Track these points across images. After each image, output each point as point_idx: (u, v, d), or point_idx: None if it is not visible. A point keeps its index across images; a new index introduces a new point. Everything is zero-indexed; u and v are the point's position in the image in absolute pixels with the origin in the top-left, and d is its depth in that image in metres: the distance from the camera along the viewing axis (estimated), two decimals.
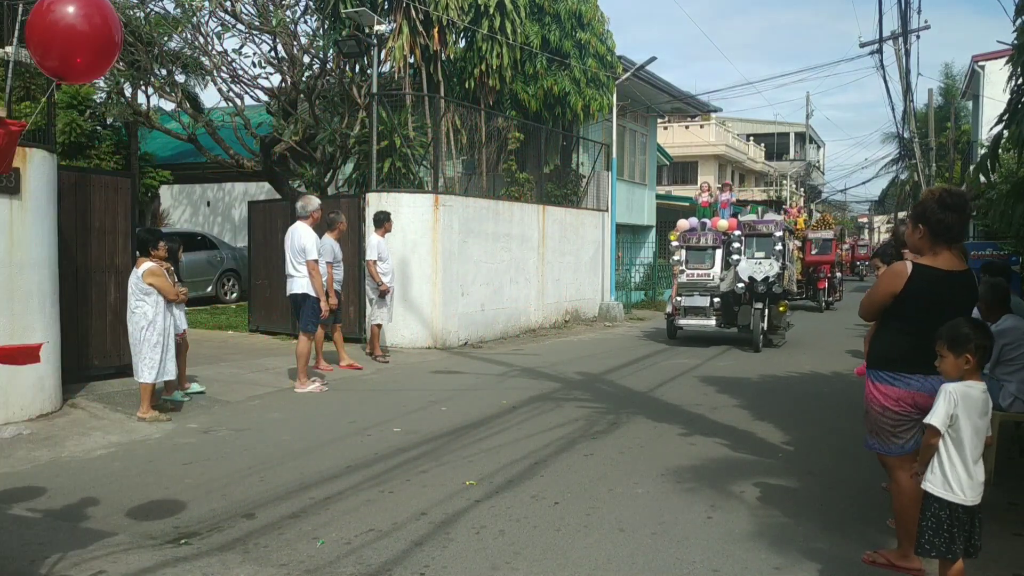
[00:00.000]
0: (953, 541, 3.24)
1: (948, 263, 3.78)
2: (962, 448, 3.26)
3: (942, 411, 3.26)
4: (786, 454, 6.29)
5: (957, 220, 3.76)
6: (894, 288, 3.79)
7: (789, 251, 13.49)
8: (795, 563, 4.06)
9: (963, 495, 3.23)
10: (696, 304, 12.93)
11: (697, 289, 12.97)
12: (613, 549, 4.24)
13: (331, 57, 15.25)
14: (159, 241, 7.34)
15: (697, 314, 12.99)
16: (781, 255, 12.69)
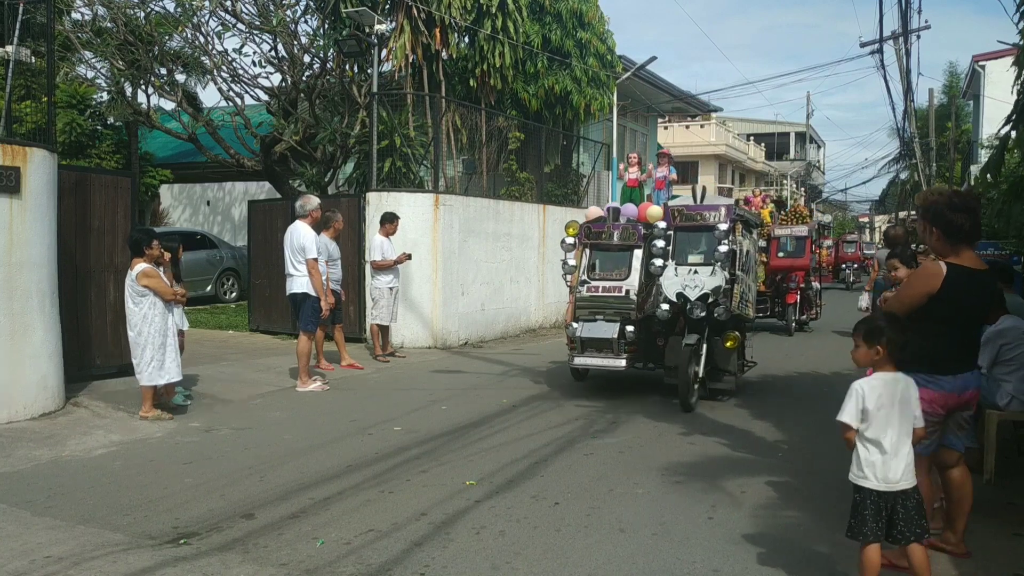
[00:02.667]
0: (864, 524, 3.39)
1: (973, 262, 3.82)
2: (876, 437, 3.39)
3: (851, 407, 3.43)
4: (786, 453, 6.29)
5: (967, 220, 3.79)
6: (931, 288, 3.77)
7: (746, 253, 8.56)
8: (795, 563, 4.06)
9: (875, 481, 3.39)
10: (597, 335, 8.02)
11: (602, 310, 8.12)
12: (613, 549, 4.24)
13: (331, 57, 15.25)
14: (152, 240, 7.20)
15: (600, 349, 8.07)
16: (729, 259, 7.88)
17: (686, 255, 8.15)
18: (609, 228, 8.51)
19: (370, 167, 12.51)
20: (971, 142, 26.38)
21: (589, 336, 8.09)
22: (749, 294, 8.46)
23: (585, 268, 8.46)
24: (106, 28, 14.32)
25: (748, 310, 8.41)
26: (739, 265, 8.09)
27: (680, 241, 8.21)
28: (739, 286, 8.00)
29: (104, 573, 3.87)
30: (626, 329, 7.96)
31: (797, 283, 14.74)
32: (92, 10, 14.35)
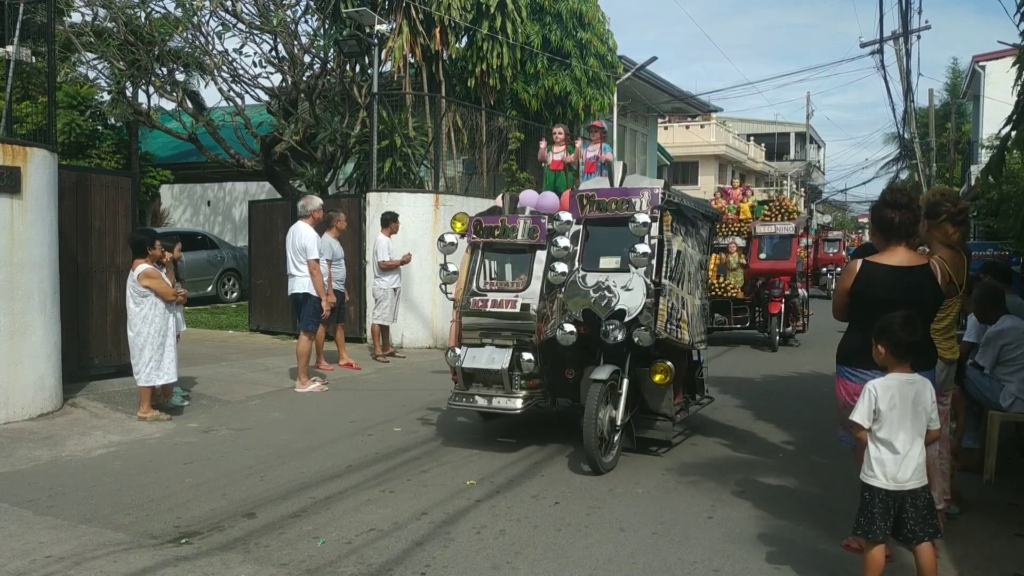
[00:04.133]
0: (872, 522, 3.40)
1: (901, 259, 3.83)
2: (888, 438, 3.40)
3: (864, 407, 3.44)
4: (787, 454, 6.29)
5: (899, 216, 3.81)
6: (845, 285, 3.92)
7: (678, 255, 6.19)
8: (796, 563, 4.06)
9: (884, 480, 3.40)
10: (483, 365, 6.11)
11: (492, 332, 6.21)
12: (613, 549, 4.24)
13: (332, 57, 15.26)
14: (154, 241, 7.27)
15: (489, 384, 6.21)
16: (649, 262, 5.77)
17: (598, 257, 6.06)
18: (504, 222, 6.37)
19: (370, 167, 12.51)
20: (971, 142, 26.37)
21: (473, 367, 6.08)
22: (684, 311, 6.14)
23: (472, 274, 6.38)
24: (106, 28, 14.32)
25: (682, 333, 6.04)
26: (667, 271, 5.86)
27: (591, 238, 6.16)
28: (667, 300, 5.77)
29: (106, 573, 3.87)
30: (523, 357, 5.91)
31: (781, 290, 12.52)
32: (93, 10, 14.36)
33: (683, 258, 6.20)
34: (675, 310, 5.96)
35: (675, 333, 5.94)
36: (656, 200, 5.88)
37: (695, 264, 6.58)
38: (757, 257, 13.06)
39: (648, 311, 5.67)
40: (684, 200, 6.32)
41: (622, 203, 5.98)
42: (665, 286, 5.82)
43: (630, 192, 6.05)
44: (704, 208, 7.15)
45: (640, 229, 5.59)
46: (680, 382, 6.37)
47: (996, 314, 5.50)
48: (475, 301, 6.24)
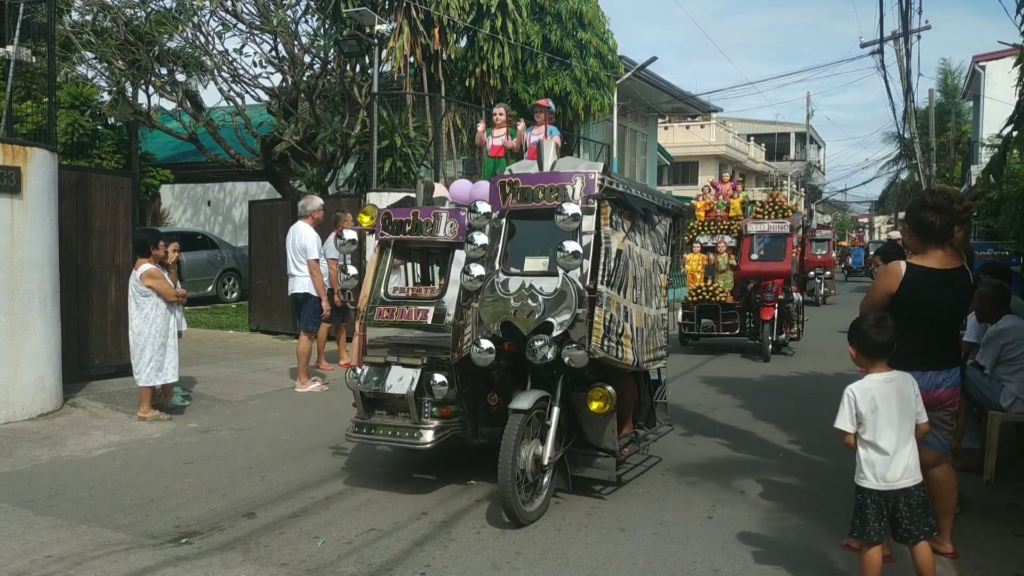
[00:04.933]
0: (866, 523, 3.41)
1: (940, 261, 3.85)
2: (876, 439, 3.40)
3: (844, 413, 3.47)
4: (787, 454, 6.29)
5: (939, 219, 3.82)
6: (890, 288, 3.87)
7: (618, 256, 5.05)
8: (796, 563, 4.06)
9: (874, 480, 3.40)
10: (385, 389, 5.20)
11: (402, 348, 5.27)
12: (613, 549, 4.24)
13: (332, 57, 15.25)
14: (158, 241, 7.33)
15: (393, 412, 5.28)
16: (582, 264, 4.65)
17: (522, 258, 5.05)
18: (416, 215, 5.44)
19: (370, 167, 12.51)
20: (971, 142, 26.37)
21: (374, 391, 5.18)
22: (627, 324, 5.06)
23: (384, 280, 5.48)
24: (106, 28, 14.33)
25: (623, 351, 4.98)
26: (604, 275, 4.81)
27: (515, 235, 5.11)
28: (603, 311, 4.72)
29: (106, 573, 3.87)
30: (434, 379, 4.98)
31: (775, 294, 11.38)
32: (92, 10, 14.36)
33: (626, 259, 5.07)
34: (615, 323, 4.87)
35: (614, 351, 4.85)
36: (591, 187, 4.79)
37: (646, 267, 5.46)
38: (748, 258, 12.01)
39: (581, 324, 4.61)
40: (630, 188, 5.17)
41: (551, 191, 4.86)
42: (602, 294, 4.73)
43: (560, 178, 4.91)
44: (662, 200, 5.93)
45: (568, 223, 4.47)
46: (629, 409, 5.46)
47: (999, 314, 5.50)
48: (381, 311, 5.31)
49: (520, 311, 4.67)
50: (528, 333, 4.66)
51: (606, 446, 5.05)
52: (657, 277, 5.74)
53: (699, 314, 12.10)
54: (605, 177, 4.84)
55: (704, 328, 12.10)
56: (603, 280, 4.79)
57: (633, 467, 5.62)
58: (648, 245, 5.58)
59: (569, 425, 5.00)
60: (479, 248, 4.87)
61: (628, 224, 5.20)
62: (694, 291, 12.27)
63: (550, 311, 4.61)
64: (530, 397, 4.69)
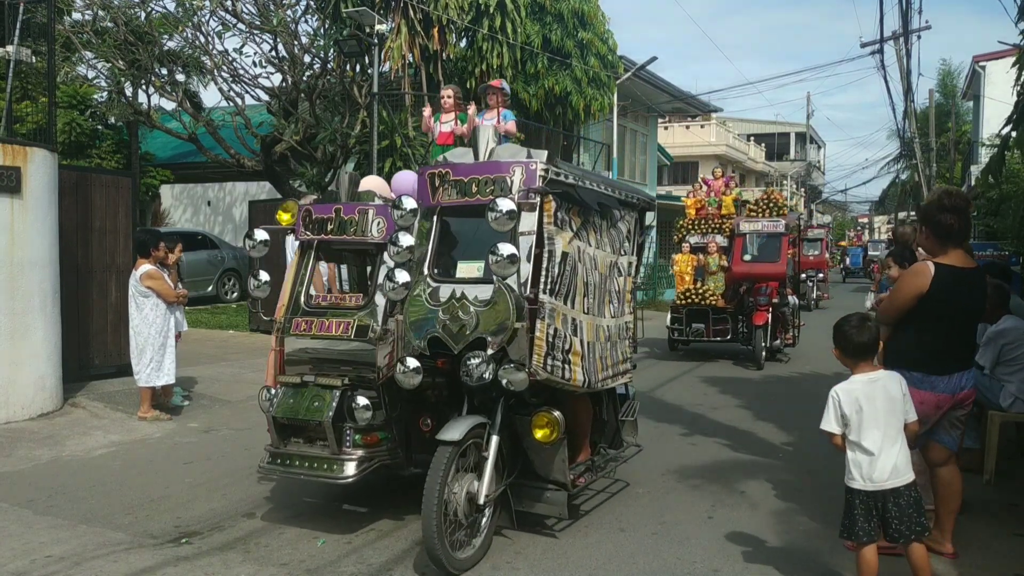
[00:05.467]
0: (855, 523, 3.41)
1: (962, 261, 3.87)
2: (860, 439, 3.40)
3: (830, 415, 3.47)
4: (787, 454, 6.29)
5: (957, 220, 3.83)
6: (920, 289, 3.82)
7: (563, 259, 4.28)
8: (796, 563, 4.06)
9: (861, 481, 3.40)
10: (299, 414, 4.53)
11: (322, 365, 4.72)
12: (613, 549, 4.24)
13: (332, 57, 15.25)
14: (158, 242, 7.34)
15: (310, 440, 4.64)
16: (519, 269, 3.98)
17: (454, 262, 4.47)
18: (339, 212, 4.86)
19: (370, 167, 12.51)
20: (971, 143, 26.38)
21: (289, 416, 4.52)
22: (577, 339, 4.37)
23: (304, 286, 5.03)
24: (106, 28, 14.33)
25: (571, 370, 4.28)
26: (548, 283, 4.12)
27: (446, 235, 4.53)
28: (545, 325, 4.06)
29: (106, 573, 3.87)
30: (356, 402, 4.33)
31: (768, 297, 10.74)
32: (92, 10, 14.36)
33: (574, 263, 4.36)
34: (560, 338, 4.18)
35: (560, 371, 4.16)
36: (532, 179, 4.11)
37: (601, 270, 4.72)
38: (740, 259, 11.36)
39: (520, 341, 3.94)
40: (583, 180, 4.47)
41: (486, 184, 4.19)
42: (544, 304, 4.05)
43: (497, 168, 4.21)
44: (625, 192, 5.13)
45: (503, 222, 3.85)
46: (585, 432, 4.79)
47: (999, 314, 5.50)
48: (298, 322, 4.79)
49: (449, 325, 4.06)
50: (458, 351, 4.04)
51: (556, 478, 4.36)
52: (616, 281, 4.97)
53: (688, 318, 11.50)
54: (549, 167, 4.16)
55: (694, 333, 11.48)
56: (546, 288, 4.09)
57: (596, 493, 5.11)
58: (605, 245, 4.82)
59: (514, 454, 4.36)
60: (404, 251, 4.23)
61: (578, 222, 4.45)
62: (683, 294, 11.67)
63: (484, 325, 3.98)
64: (462, 425, 4.01)
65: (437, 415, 4.46)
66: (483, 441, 4.10)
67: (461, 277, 4.31)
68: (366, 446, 4.48)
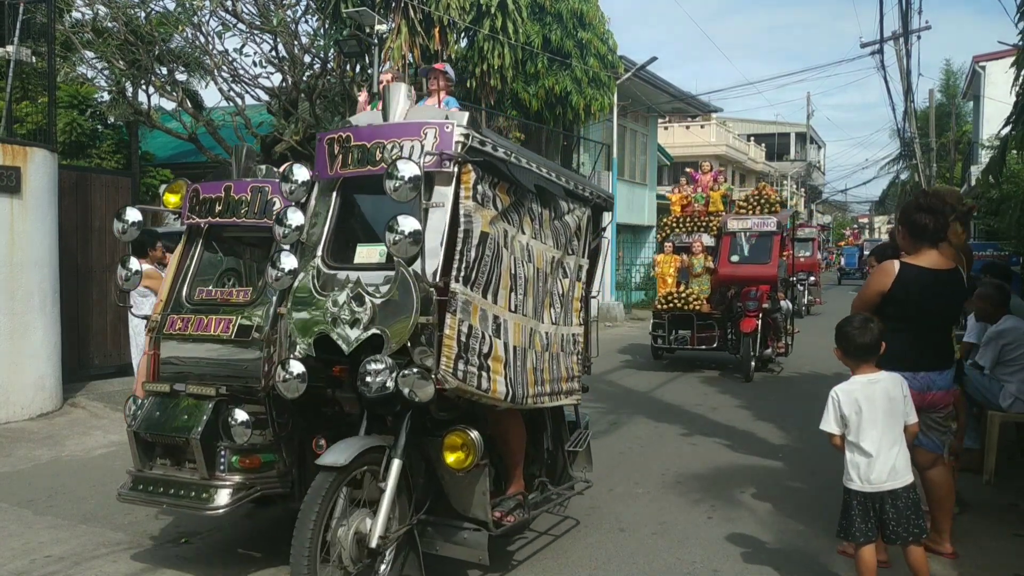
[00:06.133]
0: (852, 524, 3.41)
1: (933, 262, 3.85)
2: (859, 440, 3.40)
3: (829, 415, 3.46)
4: (787, 454, 6.28)
5: (931, 220, 3.83)
6: (882, 286, 3.87)
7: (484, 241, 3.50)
8: (795, 563, 4.06)
9: (859, 482, 3.39)
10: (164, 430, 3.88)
11: (197, 372, 3.98)
12: (613, 549, 4.24)
13: (332, 57, 15.26)
14: (156, 242, 7.32)
15: (178, 461, 3.89)
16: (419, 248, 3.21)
17: (354, 244, 3.71)
18: (229, 192, 4.24)
19: None
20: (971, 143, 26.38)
21: (151, 432, 3.88)
22: (500, 341, 3.60)
23: (186, 278, 4.39)
24: (107, 28, 14.33)
25: (491, 379, 3.50)
26: (462, 268, 3.36)
27: (346, 212, 3.78)
28: (456, 320, 3.32)
29: (106, 573, 3.88)
30: (233, 417, 3.65)
31: (758, 302, 9.83)
32: (93, 10, 14.37)
33: (498, 248, 3.56)
34: (476, 338, 3.40)
35: (474, 379, 3.37)
36: (448, 143, 3.37)
37: (539, 265, 3.95)
38: (727, 260, 10.44)
39: (426, 340, 3.26)
40: (516, 156, 3.73)
41: (392, 149, 3.44)
42: (456, 295, 3.29)
43: (405, 131, 3.49)
44: (576, 182, 4.45)
45: (404, 191, 3.15)
46: (518, 459, 3.99)
47: (999, 314, 5.50)
48: (174, 320, 4.06)
49: (340, 320, 3.33)
50: (350, 350, 3.30)
51: (475, 514, 3.61)
52: (560, 283, 4.22)
53: (671, 325, 10.64)
54: (471, 133, 3.42)
55: (677, 341, 10.66)
56: (459, 276, 3.32)
57: (538, 535, 4.37)
58: (546, 237, 4.04)
59: (427, 484, 3.63)
60: (293, 231, 3.60)
61: (506, 201, 3.68)
62: (664, 298, 10.74)
63: (382, 321, 3.26)
64: (351, 448, 3.29)
65: (336, 434, 3.57)
66: (381, 470, 3.34)
67: (360, 263, 3.58)
68: (245, 470, 3.76)
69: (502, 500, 3.84)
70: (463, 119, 3.47)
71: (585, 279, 4.54)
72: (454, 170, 3.40)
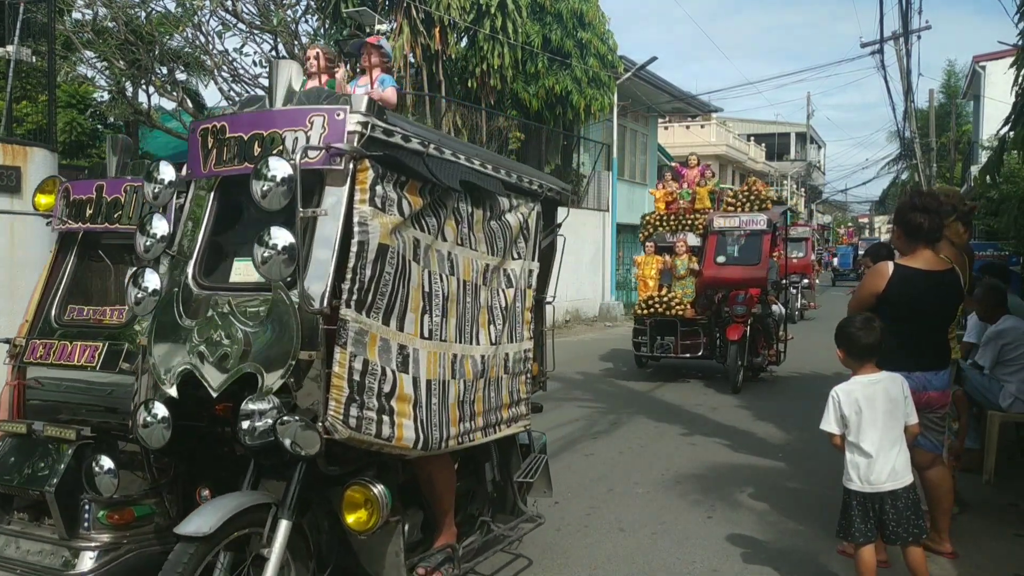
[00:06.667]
0: (851, 524, 3.40)
1: (928, 263, 3.85)
2: (859, 440, 3.39)
3: (830, 415, 3.46)
4: (786, 454, 6.29)
5: (927, 220, 3.83)
6: (876, 288, 3.88)
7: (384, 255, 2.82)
8: (795, 563, 4.06)
9: (859, 483, 3.39)
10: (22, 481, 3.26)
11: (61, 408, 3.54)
12: (613, 549, 4.24)
13: None
14: None
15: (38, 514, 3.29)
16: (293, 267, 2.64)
17: (230, 258, 3.06)
18: (101, 192, 3.66)
19: None
20: (971, 143, 26.39)
21: (4, 482, 3.32)
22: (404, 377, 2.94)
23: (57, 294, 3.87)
24: (107, 28, 14.34)
25: (395, 424, 2.86)
26: (352, 291, 2.71)
27: (227, 218, 3.10)
28: (346, 355, 2.69)
29: None
30: (99, 464, 3.13)
31: (746, 306, 9.06)
32: (93, 10, 14.38)
33: (401, 262, 2.90)
34: (376, 375, 2.79)
35: (373, 426, 2.76)
36: (338, 134, 2.76)
37: (468, 277, 3.31)
38: (713, 261, 9.64)
39: (310, 380, 2.68)
40: (438, 147, 3.09)
41: (272, 142, 2.82)
42: (347, 324, 2.69)
43: (287, 119, 2.85)
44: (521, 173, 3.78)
45: (275, 194, 2.64)
46: (443, 509, 3.36)
47: (998, 314, 5.50)
48: (35, 346, 3.57)
49: (206, 353, 2.75)
50: (218, 391, 2.73)
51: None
52: (502, 294, 3.54)
53: (654, 331, 9.81)
54: (370, 120, 2.75)
55: (660, 348, 9.85)
56: (351, 300, 2.69)
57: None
58: (480, 243, 3.40)
59: (330, 541, 3.06)
60: (157, 243, 2.95)
61: (418, 204, 3.00)
62: (645, 302, 9.97)
63: (258, 355, 2.69)
64: (221, 511, 2.64)
65: (228, 479, 2.92)
66: (266, 534, 2.70)
67: (236, 282, 2.92)
68: (115, 527, 3.15)
69: (427, 555, 3.26)
70: (362, 103, 2.78)
71: (536, 285, 3.94)
72: (348, 168, 2.74)
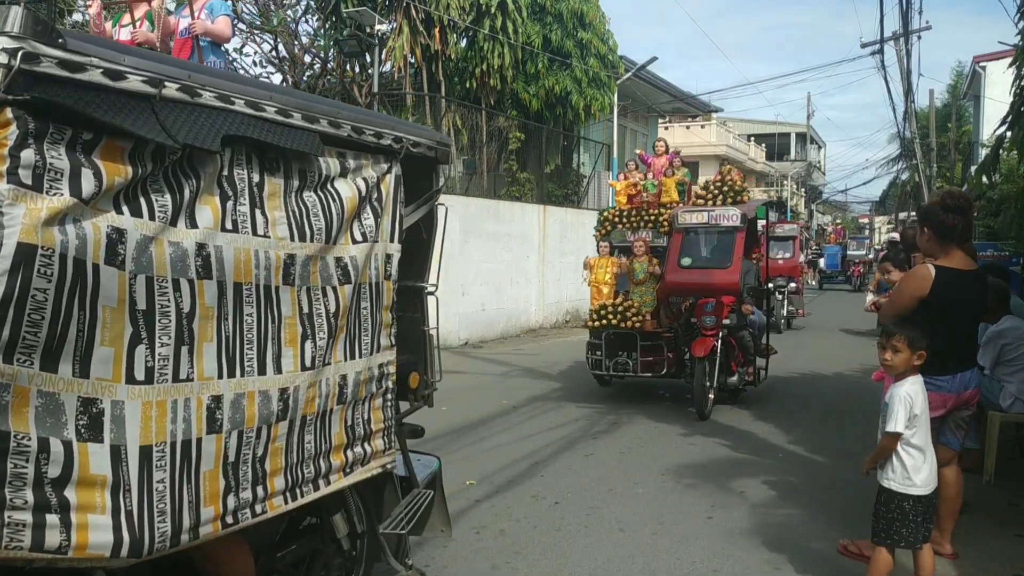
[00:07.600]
0: (917, 531, 3.37)
1: (962, 263, 3.88)
2: (920, 443, 3.37)
3: (903, 416, 3.32)
4: (786, 454, 6.28)
5: (960, 221, 3.84)
6: (921, 292, 3.83)
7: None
8: (795, 563, 4.06)
9: (922, 488, 3.35)
10: None
11: None
12: (613, 549, 4.24)
13: (332, 57, 15.28)
14: None
15: None
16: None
17: None
18: None
19: None
20: (972, 143, 26.38)
21: None
22: (91, 454, 1.83)
23: None
24: None
25: (71, 533, 1.78)
26: None
27: None
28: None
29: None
30: None
31: (715, 317, 7.42)
32: None
33: (73, 266, 1.78)
34: (27, 453, 1.74)
35: (25, 536, 1.74)
36: None
37: (247, 278, 2.26)
38: (677, 264, 7.88)
39: None
40: (184, 84, 2.03)
41: None
42: None
43: None
44: (367, 122, 2.72)
45: None
46: None
47: (999, 314, 5.50)
48: None
49: None
50: None
51: None
52: (339, 293, 2.61)
53: (609, 346, 8.09)
54: (24, 44, 1.67)
55: (618, 367, 8.08)
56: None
57: None
58: (277, 224, 2.35)
59: None
60: None
61: (130, 172, 1.92)
62: (597, 312, 8.22)
63: None
64: None
65: None
66: None
67: None
68: None
69: None
70: (15, 20, 1.66)
71: (408, 272, 3.04)
72: None
